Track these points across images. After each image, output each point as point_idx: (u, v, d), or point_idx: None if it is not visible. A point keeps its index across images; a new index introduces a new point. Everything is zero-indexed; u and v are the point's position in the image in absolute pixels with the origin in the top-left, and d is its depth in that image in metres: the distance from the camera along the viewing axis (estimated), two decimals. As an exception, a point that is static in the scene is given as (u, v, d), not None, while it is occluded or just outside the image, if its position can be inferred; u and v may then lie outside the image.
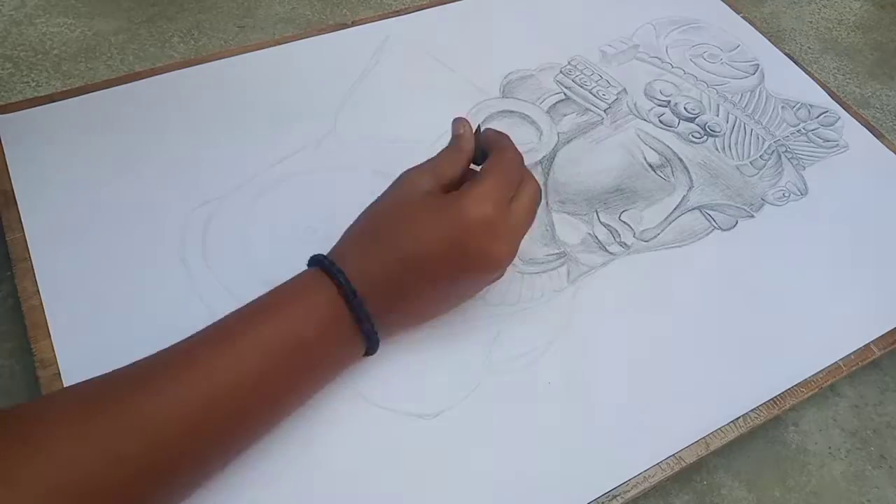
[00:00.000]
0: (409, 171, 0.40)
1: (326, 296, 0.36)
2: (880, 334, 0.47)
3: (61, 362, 0.39)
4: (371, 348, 0.38)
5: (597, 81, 0.60)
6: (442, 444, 0.39)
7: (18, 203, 0.46)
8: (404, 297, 0.38)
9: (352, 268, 0.36)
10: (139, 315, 0.42)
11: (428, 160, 0.41)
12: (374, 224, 0.39)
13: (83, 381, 0.32)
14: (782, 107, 0.61)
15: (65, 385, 0.38)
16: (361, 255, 0.37)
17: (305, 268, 0.38)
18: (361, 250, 0.37)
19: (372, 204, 0.40)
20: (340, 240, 0.39)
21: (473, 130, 0.43)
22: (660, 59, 0.63)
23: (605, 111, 0.57)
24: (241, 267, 0.45)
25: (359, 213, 0.40)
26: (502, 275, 0.41)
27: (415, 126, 0.54)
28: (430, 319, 0.42)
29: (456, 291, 0.40)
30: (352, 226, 0.40)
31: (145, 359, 0.33)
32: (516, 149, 0.41)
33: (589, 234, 0.50)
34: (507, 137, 0.42)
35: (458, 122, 0.43)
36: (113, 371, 0.33)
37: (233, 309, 0.42)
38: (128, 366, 0.33)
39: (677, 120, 0.58)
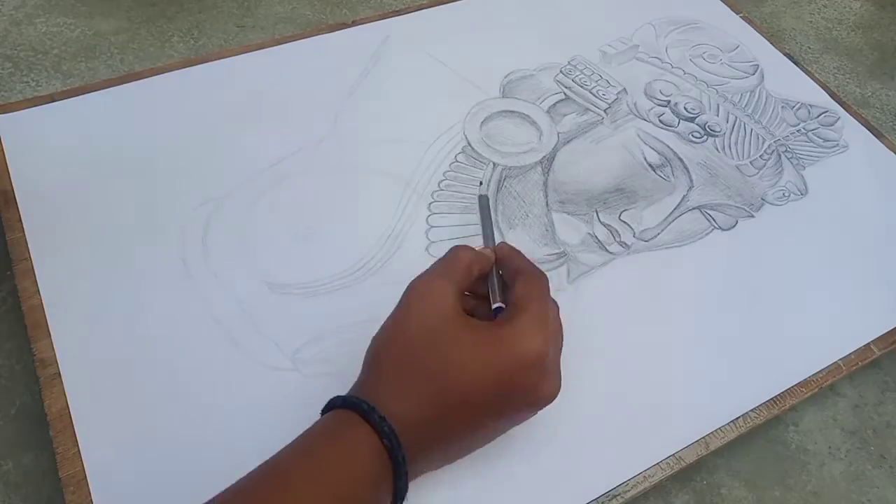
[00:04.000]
0: (422, 283, 0.36)
1: (369, 452, 0.31)
2: (880, 334, 0.47)
3: (61, 362, 0.39)
4: (397, 501, 0.33)
5: (597, 81, 0.60)
6: (442, 444, 0.39)
7: (18, 203, 0.46)
8: (442, 439, 0.33)
9: (388, 408, 0.31)
10: (139, 315, 0.42)
11: (438, 268, 0.37)
12: (410, 356, 0.33)
13: None
14: (782, 107, 0.61)
15: (64, 385, 0.38)
16: (400, 394, 0.32)
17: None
18: (399, 389, 0.33)
19: (394, 326, 0.35)
20: (367, 370, 0.35)
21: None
22: (660, 59, 0.63)
23: (605, 111, 0.57)
24: (241, 267, 0.45)
25: (379, 330, 0.35)
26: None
27: (415, 126, 0.54)
28: (453, 460, 0.36)
29: (495, 432, 0.36)
30: (378, 352, 0.35)
31: None
32: (541, 270, 0.38)
33: (589, 233, 0.50)
34: (523, 256, 0.40)
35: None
36: None
37: (234, 309, 0.43)
38: None
39: (677, 120, 0.58)
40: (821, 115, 0.61)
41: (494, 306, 0.38)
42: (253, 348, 0.41)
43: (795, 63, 0.65)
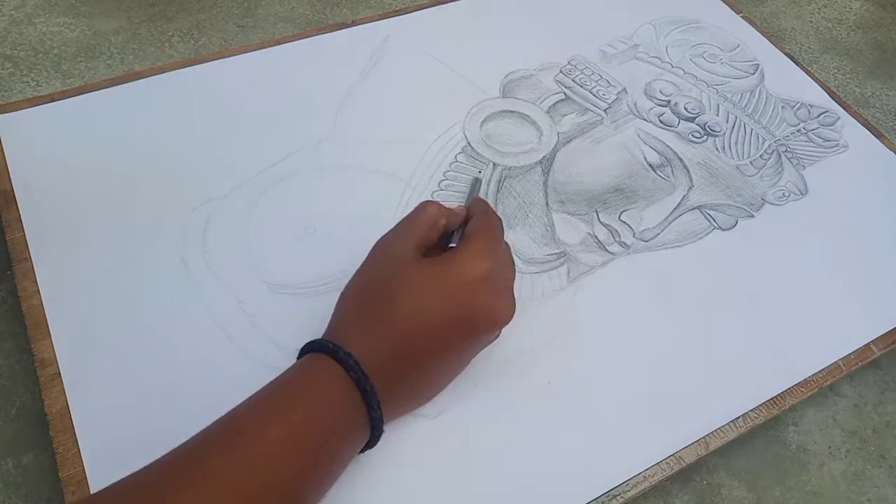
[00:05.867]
0: (385, 238, 0.39)
1: (338, 386, 0.33)
2: (880, 334, 0.47)
3: (61, 362, 0.39)
4: (374, 438, 0.35)
5: (597, 81, 0.60)
6: (442, 444, 0.39)
7: (18, 203, 0.46)
8: (411, 373, 0.35)
9: (356, 349, 0.33)
10: (139, 315, 0.42)
11: (402, 223, 0.39)
12: (369, 299, 0.36)
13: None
14: (782, 106, 0.61)
15: (64, 385, 0.39)
16: (363, 334, 0.34)
17: (300, 346, 0.36)
18: (362, 329, 0.35)
19: (357, 277, 0.38)
20: (334, 318, 0.37)
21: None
22: (660, 58, 0.63)
23: (605, 111, 0.57)
24: (241, 267, 0.45)
25: (354, 278, 0.38)
26: (499, 333, 0.39)
27: (415, 126, 0.54)
28: (430, 397, 0.39)
29: (460, 359, 0.38)
30: (342, 302, 0.37)
31: (150, 467, 0.30)
32: (497, 215, 0.41)
33: (589, 233, 0.50)
34: (487, 204, 0.42)
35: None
36: (122, 482, 0.30)
37: (234, 309, 0.43)
38: (133, 476, 0.30)
39: (677, 120, 0.58)
40: (821, 115, 0.61)
41: (450, 246, 0.40)
42: (253, 348, 0.41)
43: (796, 63, 0.65)
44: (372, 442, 0.35)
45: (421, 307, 0.35)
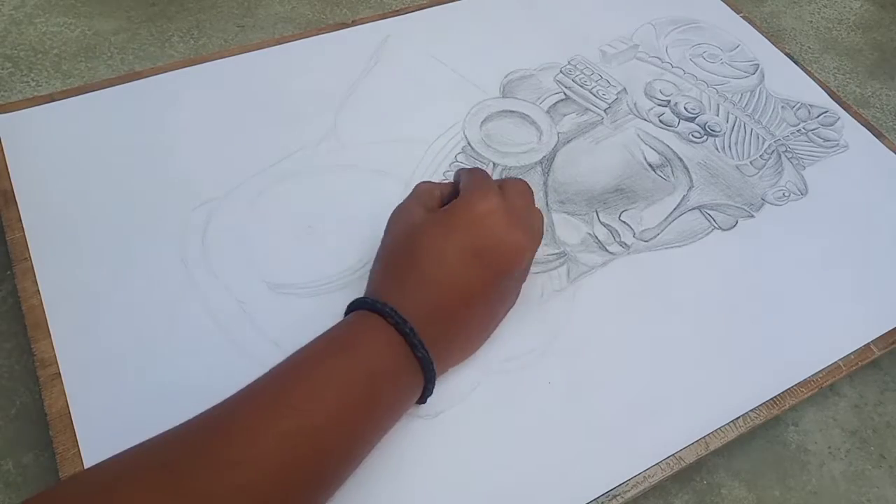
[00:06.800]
0: (397, 208, 0.42)
1: (383, 332, 0.35)
2: (880, 334, 0.47)
3: (61, 362, 0.39)
4: (428, 381, 0.37)
5: (597, 81, 0.60)
6: (442, 444, 0.39)
7: (18, 203, 0.46)
8: (448, 318, 0.38)
9: (395, 304, 0.36)
10: (139, 315, 0.42)
11: (408, 195, 0.43)
12: (395, 262, 0.39)
13: (155, 440, 0.31)
14: (782, 106, 0.61)
15: (64, 385, 0.39)
16: (395, 290, 0.37)
17: (343, 309, 0.38)
18: (394, 287, 0.37)
19: (381, 250, 0.41)
20: (369, 284, 0.40)
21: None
22: (660, 58, 0.63)
23: (605, 111, 0.57)
24: (241, 267, 0.45)
25: (378, 252, 0.41)
26: (529, 265, 0.42)
27: (415, 126, 0.54)
28: (478, 341, 0.41)
29: (494, 298, 0.40)
30: (372, 275, 0.40)
31: (216, 407, 0.33)
32: (476, 168, 0.44)
33: (589, 234, 0.50)
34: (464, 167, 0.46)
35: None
36: (181, 428, 0.32)
37: (234, 309, 0.43)
38: (195, 420, 0.32)
39: (677, 120, 0.58)
40: (821, 115, 0.61)
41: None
42: (253, 348, 0.41)
43: (796, 63, 0.65)
44: (428, 385, 0.37)
45: (439, 254, 0.37)
